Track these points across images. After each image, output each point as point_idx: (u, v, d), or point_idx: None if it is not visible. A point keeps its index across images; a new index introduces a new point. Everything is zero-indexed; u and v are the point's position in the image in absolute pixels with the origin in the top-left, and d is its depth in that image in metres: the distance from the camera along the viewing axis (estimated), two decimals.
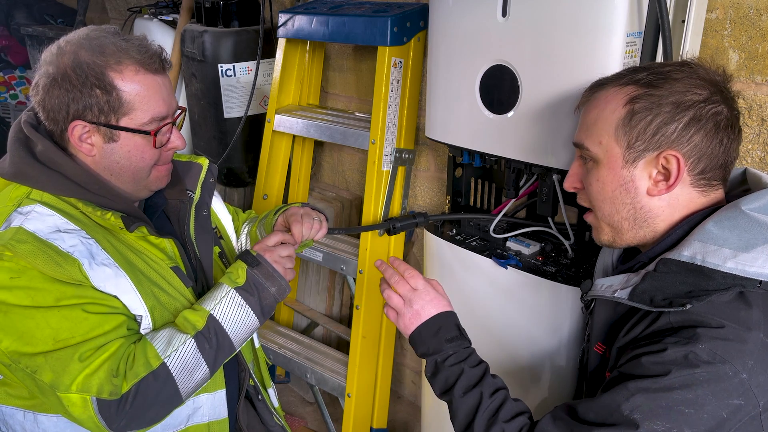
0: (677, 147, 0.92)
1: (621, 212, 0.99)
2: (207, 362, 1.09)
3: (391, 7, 1.75)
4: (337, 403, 2.26)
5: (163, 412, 1.06)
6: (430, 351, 1.07)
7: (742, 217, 0.89)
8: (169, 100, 1.11)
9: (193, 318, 1.10)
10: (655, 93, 0.92)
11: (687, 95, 0.91)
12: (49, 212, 1.04)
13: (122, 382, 1.00)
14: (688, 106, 0.91)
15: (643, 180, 0.96)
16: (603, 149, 0.98)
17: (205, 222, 1.27)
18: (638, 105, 0.93)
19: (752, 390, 0.83)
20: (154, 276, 1.11)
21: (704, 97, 0.91)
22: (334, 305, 2.35)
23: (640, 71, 0.97)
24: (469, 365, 1.04)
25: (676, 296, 0.90)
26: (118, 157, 1.09)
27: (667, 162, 0.93)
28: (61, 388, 0.97)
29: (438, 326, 1.08)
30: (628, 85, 0.96)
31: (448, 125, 1.50)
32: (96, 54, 1.04)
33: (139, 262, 1.10)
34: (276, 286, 1.17)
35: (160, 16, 2.57)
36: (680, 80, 0.92)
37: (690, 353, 0.84)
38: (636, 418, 0.84)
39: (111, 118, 1.06)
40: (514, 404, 1.01)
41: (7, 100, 4.12)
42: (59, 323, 0.98)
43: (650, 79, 0.94)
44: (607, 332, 1.04)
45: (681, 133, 0.91)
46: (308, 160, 2.27)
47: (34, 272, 0.98)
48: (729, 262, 0.88)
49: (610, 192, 0.99)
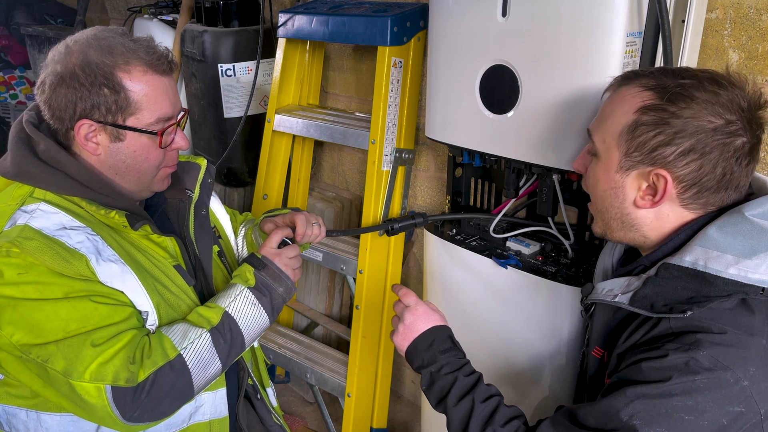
0: (671, 168, 0.90)
1: (609, 212, 1.00)
2: (220, 357, 1.09)
3: (391, 7, 1.75)
4: (337, 403, 2.26)
5: (175, 405, 1.06)
6: (425, 363, 1.08)
7: (745, 223, 0.88)
8: (174, 101, 1.12)
9: (207, 314, 1.11)
10: (667, 109, 0.89)
11: (698, 121, 0.88)
12: (53, 210, 1.04)
13: (139, 369, 1.00)
14: (692, 132, 0.88)
15: (633, 190, 0.95)
16: (605, 148, 0.98)
17: (204, 221, 1.28)
18: (645, 117, 0.91)
19: (754, 397, 0.83)
20: (158, 274, 1.12)
21: (715, 127, 0.88)
22: (334, 305, 2.35)
23: (669, 76, 0.93)
24: (463, 374, 1.05)
25: (677, 302, 0.89)
26: (123, 157, 1.09)
27: (656, 179, 0.92)
28: (74, 375, 0.97)
29: (431, 339, 1.09)
30: (648, 90, 0.92)
31: (448, 125, 1.50)
32: (105, 54, 1.04)
33: (144, 259, 1.11)
34: (283, 286, 1.20)
35: (160, 16, 2.57)
36: (699, 102, 0.88)
37: (691, 360, 0.83)
38: (635, 424, 0.84)
39: (118, 117, 1.06)
40: (508, 410, 1.01)
41: (7, 100, 4.12)
42: (69, 314, 0.98)
43: (670, 91, 0.90)
44: (606, 337, 1.04)
45: (677, 157, 0.89)
46: (308, 160, 2.27)
47: (42, 268, 0.98)
48: (731, 268, 0.87)
49: (601, 191, 1.00)
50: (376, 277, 1.88)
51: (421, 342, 1.10)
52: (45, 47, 3.61)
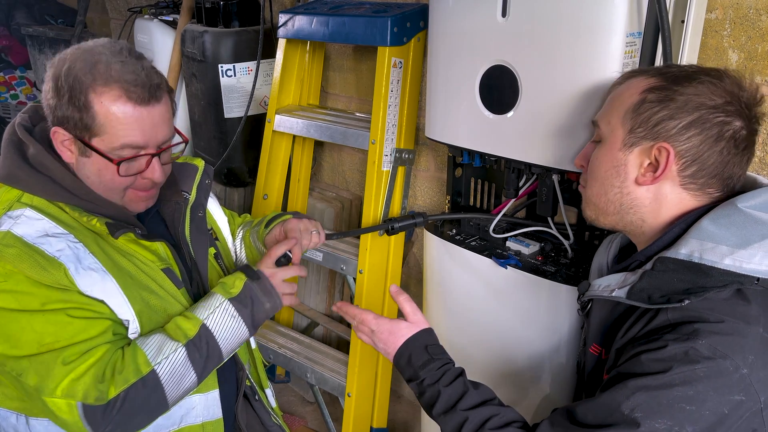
0: (673, 142, 0.93)
1: (609, 193, 1.01)
2: (196, 371, 1.09)
3: (391, 8, 1.75)
4: (337, 402, 2.26)
5: (148, 419, 1.07)
6: (409, 378, 1.11)
7: (738, 214, 0.89)
8: (150, 132, 1.06)
9: (185, 326, 1.10)
10: (671, 88, 0.94)
11: (700, 98, 0.92)
12: (38, 216, 1.04)
13: (109, 387, 1.00)
14: (696, 107, 0.91)
15: (635, 167, 0.97)
16: (610, 129, 1.00)
17: (200, 223, 1.27)
18: (651, 95, 0.95)
19: (753, 385, 0.83)
20: (144, 279, 1.11)
21: (716, 104, 0.91)
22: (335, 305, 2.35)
23: (674, 66, 0.99)
24: (443, 385, 1.06)
25: (674, 293, 0.90)
26: (89, 172, 1.08)
27: (659, 153, 0.94)
28: (46, 392, 0.98)
29: (408, 355, 1.12)
30: (654, 76, 0.97)
31: (448, 125, 1.51)
32: (87, 70, 1.02)
33: (129, 265, 1.10)
34: (271, 302, 1.19)
35: (160, 16, 2.57)
36: (703, 83, 0.92)
37: (690, 349, 0.84)
38: (637, 417, 0.84)
39: (84, 135, 1.04)
40: (502, 416, 1.00)
41: (8, 100, 4.12)
42: (44, 327, 0.98)
43: (675, 75, 0.95)
44: (603, 333, 1.04)
45: (680, 131, 0.92)
46: (308, 160, 2.27)
47: (20, 276, 0.98)
48: (726, 259, 0.88)
49: (603, 172, 1.01)
50: (376, 277, 1.88)
51: (399, 359, 1.13)
52: (45, 47, 3.62)
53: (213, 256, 1.30)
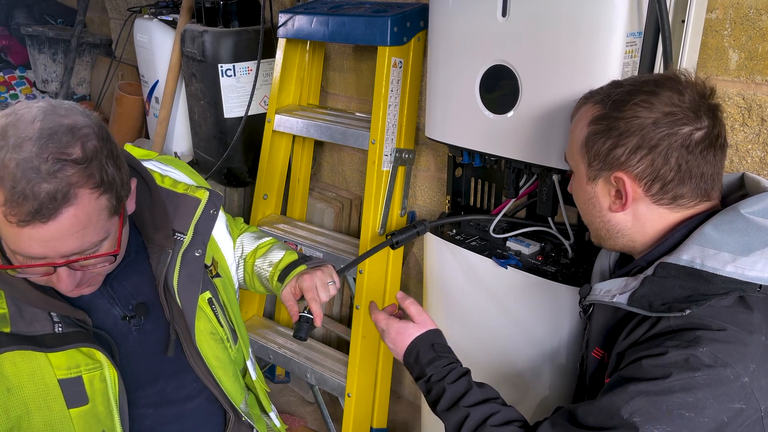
0: (626, 169, 0.94)
1: (595, 222, 1.04)
2: None
3: (391, 7, 1.75)
4: (337, 403, 2.26)
5: None
6: (417, 375, 1.13)
7: (740, 221, 0.88)
8: (48, 245, 0.85)
9: None
10: (611, 115, 0.95)
11: (638, 119, 0.92)
12: None
13: None
14: (637, 129, 0.92)
15: (605, 197, 1.00)
16: (575, 164, 1.04)
17: (194, 267, 1.10)
18: (594, 127, 0.97)
19: (754, 394, 0.83)
20: (27, 394, 0.94)
21: (655, 120, 0.91)
22: (334, 305, 2.35)
23: (615, 88, 0.98)
24: (448, 382, 1.07)
25: (676, 301, 0.89)
26: None
27: (617, 182, 0.96)
28: None
29: (415, 353, 1.14)
30: (597, 104, 0.99)
31: (448, 125, 1.50)
32: None
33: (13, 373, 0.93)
34: None
35: (160, 16, 2.57)
36: (637, 102, 0.93)
37: (691, 356, 0.83)
38: (636, 422, 0.84)
39: None
40: (504, 414, 1.01)
41: (7, 100, 4.11)
42: None
43: (615, 100, 0.96)
44: (605, 337, 1.04)
45: (629, 156, 0.93)
46: (308, 160, 2.27)
47: None
48: (728, 266, 0.87)
49: (582, 204, 1.06)
50: (376, 277, 1.88)
51: (407, 358, 1.15)
52: (45, 47, 3.62)
53: (207, 302, 1.14)
